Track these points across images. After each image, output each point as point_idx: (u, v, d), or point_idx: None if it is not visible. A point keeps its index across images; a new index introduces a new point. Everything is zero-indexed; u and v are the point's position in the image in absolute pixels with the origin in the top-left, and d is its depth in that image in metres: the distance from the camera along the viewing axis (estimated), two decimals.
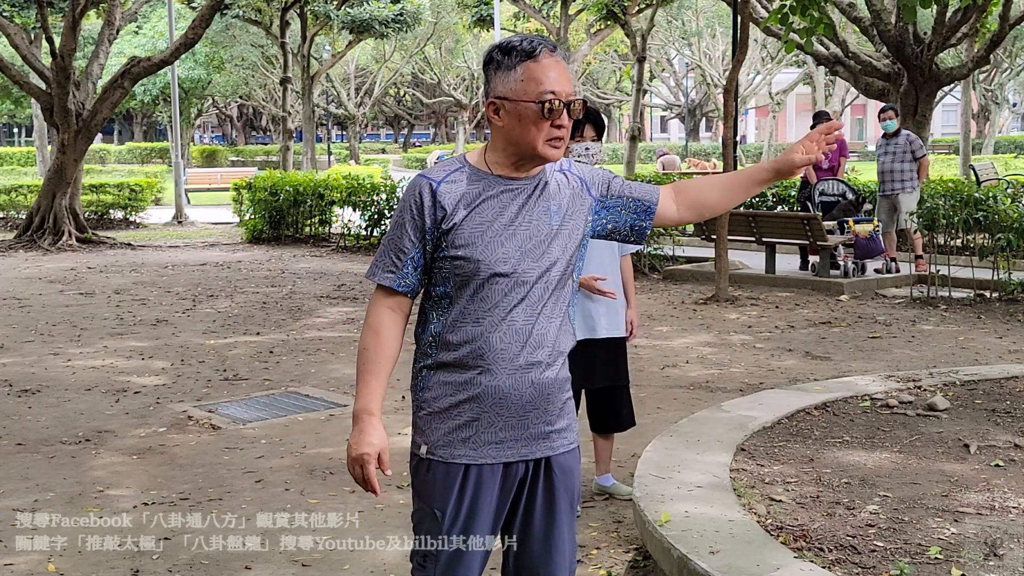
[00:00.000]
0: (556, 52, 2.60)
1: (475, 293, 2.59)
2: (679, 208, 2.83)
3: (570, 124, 2.61)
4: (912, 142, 12.22)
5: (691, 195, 2.84)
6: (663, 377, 7.71)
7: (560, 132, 2.58)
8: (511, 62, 2.58)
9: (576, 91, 2.60)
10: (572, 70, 28.39)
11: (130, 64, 18.10)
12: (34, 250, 17.42)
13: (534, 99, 2.55)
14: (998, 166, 25.67)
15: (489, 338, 2.58)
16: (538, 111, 2.55)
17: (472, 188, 2.61)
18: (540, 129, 2.57)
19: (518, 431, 2.63)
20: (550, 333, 2.64)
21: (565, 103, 2.57)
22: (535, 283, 2.60)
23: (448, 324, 2.62)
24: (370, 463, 2.60)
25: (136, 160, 50.43)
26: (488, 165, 2.64)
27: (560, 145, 2.60)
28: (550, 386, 2.66)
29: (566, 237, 2.65)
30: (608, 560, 4.36)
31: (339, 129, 59.01)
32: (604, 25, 27.48)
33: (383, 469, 2.63)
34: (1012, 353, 8.33)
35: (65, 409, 7.01)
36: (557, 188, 2.68)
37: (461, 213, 2.59)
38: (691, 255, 14.18)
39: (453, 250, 2.58)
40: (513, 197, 2.62)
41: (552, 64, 2.58)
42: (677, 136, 66.82)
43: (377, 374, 2.66)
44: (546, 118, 2.56)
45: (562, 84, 2.57)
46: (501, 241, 2.58)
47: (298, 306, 11.25)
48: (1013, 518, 4.07)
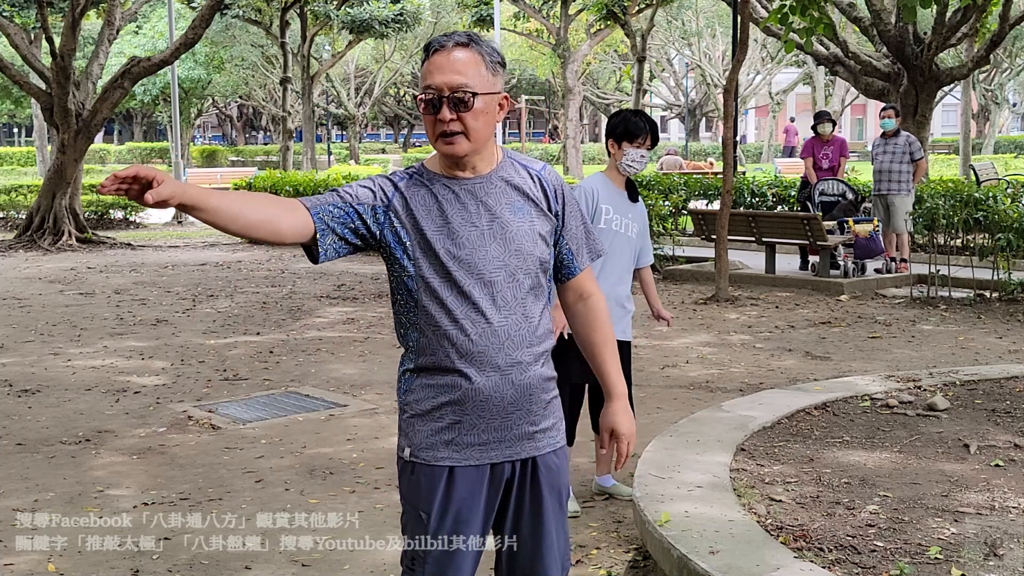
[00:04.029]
0: (466, 46, 2.55)
1: (447, 294, 2.57)
2: (571, 303, 2.78)
3: (460, 117, 2.52)
4: (911, 143, 12.21)
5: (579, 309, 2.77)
6: (663, 377, 7.71)
7: (445, 126, 2.53)
8: (422, 59, 2.62)
9: (466, 84, 2.51)
10: (572, 70, 28.39)
11: (130, 64, 18.09)
12: (34, 250, 17.41)
13: (419, 95, 2.57)
14: (998, 166, 25.65)
15: (465, 340, 2.56)
16: (421, 106, 2.56)
17: (427, 189, 2.61)
18: (430, 125, 2.56)
19: (502, 432, 2.62)
20: (529, 333, 2.62)
21: (445, 96, 2.52)
22: (507, 280, 2.58)
23: (424, 327, 2.60)
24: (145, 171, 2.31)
25: (136, 160, 50.40)
26: (440, 167, 2.64)
27: (453, 140, 2.54)
28: (533, 386, 2.64)
29: (531, 232, 2.62)
30: (608, 560, 4.36)
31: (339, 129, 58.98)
32: (604, 25, 27.49)
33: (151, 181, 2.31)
34: (1012, 353, 8.33)
35: (65, 409, 7.01)
36: (516, 186, 2.65)
37: (419, 213, 2.58)
38: (691, 255, 14.17)
39: (411, 251, 2.57)
40: (468, 195, 2.60)
41: (442, 60, 2.54)
42: (677, 136, 66.77)
43: (223, 194, 2.47)
44: (427, 113, 2.55)
45: (445, 77, 2.52)
46: (463, 241, 2.56)
47: (298, 306, 11.25)
48: (1013, 518, 4.07)
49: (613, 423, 2.78)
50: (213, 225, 2.44)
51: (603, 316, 2.78)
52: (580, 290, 2.77)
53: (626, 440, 2.78)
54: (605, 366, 2.78)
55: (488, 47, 2.59)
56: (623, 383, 2.80)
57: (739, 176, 16.73)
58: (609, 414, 2.79)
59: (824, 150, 12.93)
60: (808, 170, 13.00)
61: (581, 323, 2.79)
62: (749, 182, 16.19)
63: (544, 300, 2.69)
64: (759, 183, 16.13)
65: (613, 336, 2.80)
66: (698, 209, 14.85)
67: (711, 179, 17.76)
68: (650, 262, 5.28)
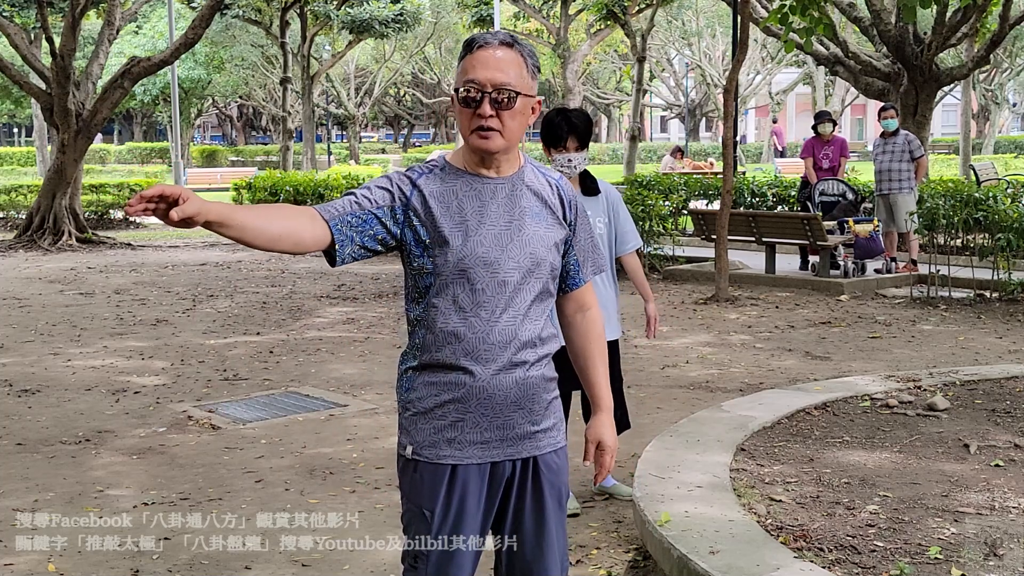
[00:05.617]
0: (509, 46, 2.57)
1: (458, 291, 2.58)
2: (570, 314, 2.79)
3: (499, 114, 2.55)
4: (911, 142, 12.21)
5: (577, 321, 2.79)
6: (663, 377, 7.71)
7: (484, 121, 2.55)
8: (462, 54, 2.62)
9: (509, 83, 2.54)
10: (572, 70, 28.38)
11: (130, 64, 18.09)
12: (34, 250, 17.41)
13: (457, 87, 2.57)
14: (998, 166, 25.65)
15: (473, 338, 2.58)
16: (459, 100, 2.56)
17: (448, 185, 2.61)
18: (466, 119, 2.57)
19: (503, 431, 2.63)
20: (534, 333, 2.64)
21: (488, 92, 2.54)
22: (520, 282, 2.60)
23: (432, 323, 2.61)
24: (164, 189, 2.26)
25: (136, 160, 50.38)
26: (464, 163, 2.64)
27: (489, 135, 2.56)
28: (535, 386, 2.66)
29: (547, 239, 2.65)
30: (608, 560, 4.36)
31: (339, 129, 58.98)
32: (604, 25, 27.48)
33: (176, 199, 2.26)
34: (1012, 353, 8.32)
35: (65, 409, 7.01)
36: (537, 192, 2.67)
37: (441, 210, 2.58)
38: (691, 255, 14.17)
39: (430, 248, 2.58)
40: (491, 195, 2.61)
41: (486, 55, 2.55)
42: (677, 136, 66.77)
43: (247, 209, 2.44)
44: (465, 107, 2.56)
45: (488, 73, 2.54)
46: (481, 239, 2.57)
47: (298, 306, 11.25)
48: (1013, 518, 4.07)
49: (599, 435, 2.81)
50: (239, 241, 2.43)
51: (600, 330, 2.83)
52: (580, 302, 2.80)
53: (609, 453, 2.82)
54: (596, 379, 2.82)
55: (529, 50, 2.63)
56: (611, 397, 2.85)
57: (739, 176, 16.73)
58: (596, 426, 2.82)
59: (824, 150, 12.93)
60: (808, 170, 13.01)
61: (577, 334, 2.82)
62: (749, 182, 16.19)
63: (550, 304, 2.73)
64: (759, 183, 16.14)
65: (606, 350, 2.84)
66: (698, 209, 14.84)
67: (711, 179, 17.77)
68: (633, 247, 5.00)
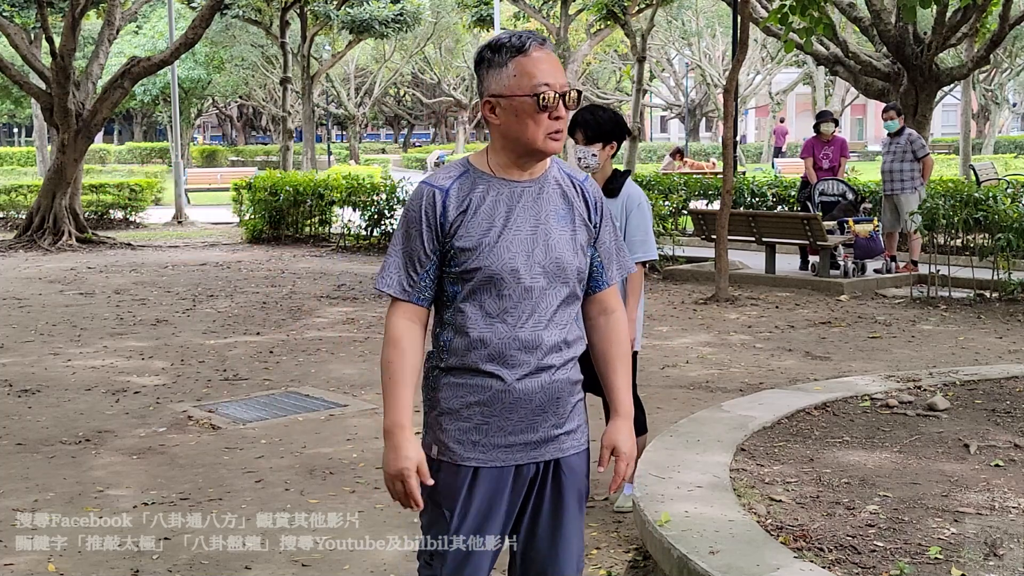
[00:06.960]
0: (545, 45, 2.59)
1: (485, 297, 2.58)
2: (593, 316, 2.77)
3: (568, 115, 2.60)
4: (913, 142, 12.21)
5: (600, 323, 2.77)
6: (663, 377, 7.71)
7: (559, 124, 2.58)
8: (502, 59, 2.57)
9: (569, 83, 2.59)
10: (572, 70, 28.37)
11: (130, 64, 18.09)
12: (34, 250, 17.41)
13: (528, 93, 2.54)
14: (998, 166, 25.65)
15: (501, 342, 2.58)
16: (534, 105, 2.54)
17: (477, 191, 2.61)
18: (539, 123, 2.56)
19: (528, 434, 2.63)
20: (560, 337, 2.64)
21: (560, 94, 2.56)
22: (545, 287, 2.60)
23: (460, 328, 2.61)
24: (411, 477, 2.56)
25: (136, 160, 50.37)
26: (491, 167, 2.63)
27: (560, 138, 2.59)
28: (561, 389, 2.65)
29: (573, 242, 2.64)
30: (608, 560, 4.36)
31: (339, 129, 58.98)
32: (604, 25, 27.46)
33: (424, 480, 2.59)
34: (1012, 353, 8.32)
35: (65, 409, 7.01)
36: (563, 194, 2.67)
37: (468, 217, 2.58)
38: (691, 255, 14.17)
39: (461, 254, 2.57)
40: (518, 199, 2.61)
41: (543, 57, 2.57)
42: (677, 136, 66.75)
43: (404, 386, 2.61)
44: (542, 111, 2.55)
45: (555, 76, 2.56)
46: (508, 244, 2.57)
47: (298, 306, 11.24)
48: (1013, 518, 4.07)
49: (616, 441, 2.75)
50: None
51: (623, 333, 2.79)
52: (605, 304, 2.77)
53: (625, 460, 2.75)
54: (617, 383, 2.77)
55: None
56: (631, 402, 2.79)
57: (739, 176, 16.73)
58: (613, 431, 2.76)
59: (824, 150, 12.94)
60: (808, 170, 13.01)
61: (601, 337, 2.78)
62: (749, 182, 16.19)
63: (577, 307, 2.71)
64: (759, 183, 16.13)
65: (629, 354, 2.79)
66: (698, 209, 14.85)
67: (711, 179, 17.76)
68: (638, 259, 4.68)
